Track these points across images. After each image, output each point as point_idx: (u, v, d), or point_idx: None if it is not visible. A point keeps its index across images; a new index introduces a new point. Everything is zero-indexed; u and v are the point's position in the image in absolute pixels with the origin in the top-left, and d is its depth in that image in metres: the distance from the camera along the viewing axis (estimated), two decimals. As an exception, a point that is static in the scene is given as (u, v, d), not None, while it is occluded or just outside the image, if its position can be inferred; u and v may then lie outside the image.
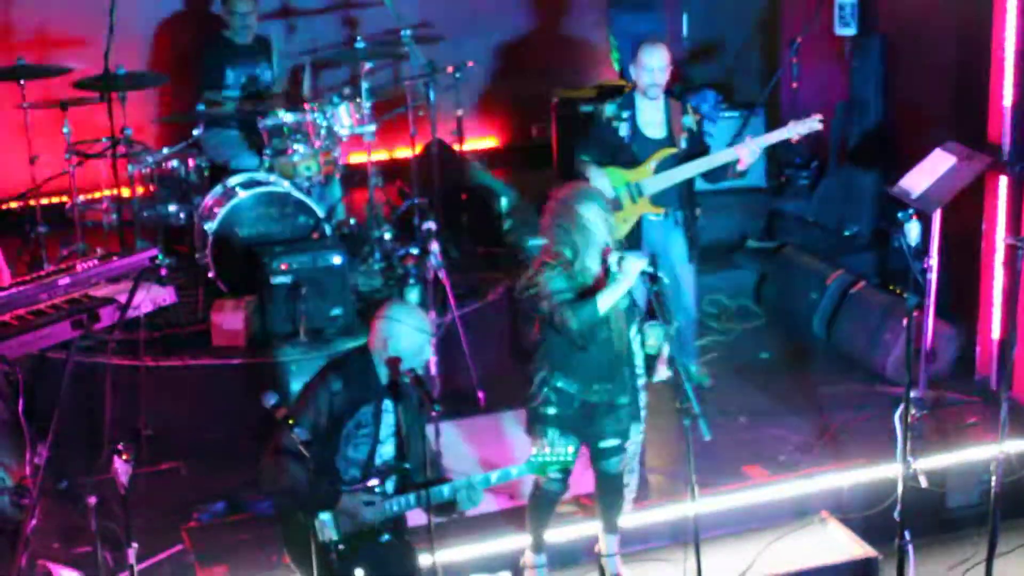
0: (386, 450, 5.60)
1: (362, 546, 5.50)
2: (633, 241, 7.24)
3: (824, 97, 9.88)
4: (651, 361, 6.02)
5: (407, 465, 5.60)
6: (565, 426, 5.90)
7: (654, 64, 7.29)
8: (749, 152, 7.21)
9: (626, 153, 7.37)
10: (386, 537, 5.59)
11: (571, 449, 5.70)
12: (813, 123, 7.28)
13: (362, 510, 5.46)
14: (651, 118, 7.42)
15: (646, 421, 6.26)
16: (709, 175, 7.40)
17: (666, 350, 5.91)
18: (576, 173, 7.31)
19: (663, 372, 6.02)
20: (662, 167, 7.35)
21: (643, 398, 6.13)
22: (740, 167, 7.28)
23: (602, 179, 7.23)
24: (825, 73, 10.02)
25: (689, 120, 7.46)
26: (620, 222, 7.12)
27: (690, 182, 7.48)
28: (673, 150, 7.37)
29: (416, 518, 5.72)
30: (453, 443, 7.13)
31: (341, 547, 5.41)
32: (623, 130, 7.38)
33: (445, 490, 5.52)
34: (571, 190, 5.90)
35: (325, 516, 5.39)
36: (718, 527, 6.67)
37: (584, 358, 5.85)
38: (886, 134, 9.49)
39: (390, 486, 5.58)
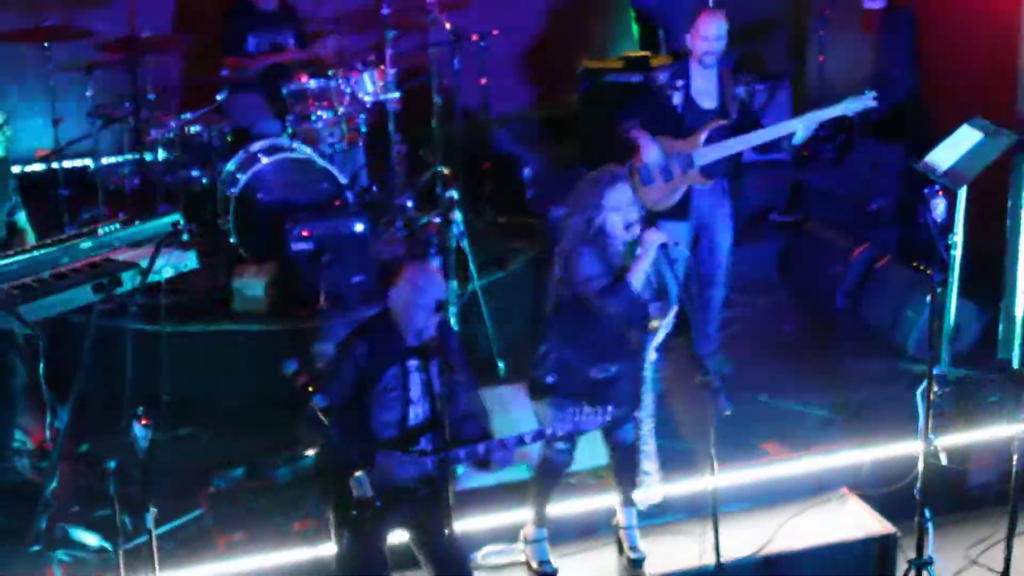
0: (420, 410, 5.60)
1: (398, 503, 5.51)
2: (681, 210, 7.24)
3: (851, 70, 9.81)
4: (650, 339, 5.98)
5: (440, 423, 5.59)
6: (568, 396, 5.85)
7: (711, 33, 7.21)
8: (804, 126, 7.21)
9: (678, 122, 7.30)
10: (423, 493, 5.59)
11: (610, 408, 5.65)
12: (868, 100, 7.23)
13: (397, 468, 5.47)
14: (704, 87, 7.34)
15: (663, 391, 6.21)
16: (760, 145, 7.38)
17: (662, 334, 5.88)
18: (622, 137, 7.25)
19: (651, 355, 5.97)
20: (712, 138, 7.28)
21: (653, 374, 6.10)
22: (795, 140, 7.29)
23: (652, 146, 7.18)
24: (853, 46, 9.94)
25: (741, 91, 7.42)
26: (669, 192, 7.18)
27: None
28: (724, 121, 7.30)
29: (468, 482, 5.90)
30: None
31: (378, 504, 5.44)
32: (676, 99, 7.30)
33: (480, 449, 5.52)
34: (603, 172, 5.89)
35: (361, 474, 5.41)
36: (737, 501, 6.66)
37: (593, 335, 5.85)
38: (913, 108, 9.42)
39: (427, 444, 5.59)
